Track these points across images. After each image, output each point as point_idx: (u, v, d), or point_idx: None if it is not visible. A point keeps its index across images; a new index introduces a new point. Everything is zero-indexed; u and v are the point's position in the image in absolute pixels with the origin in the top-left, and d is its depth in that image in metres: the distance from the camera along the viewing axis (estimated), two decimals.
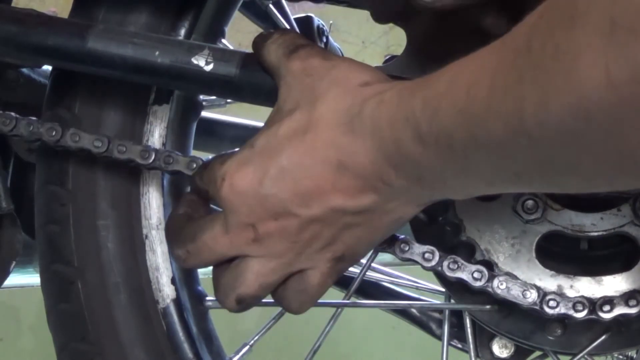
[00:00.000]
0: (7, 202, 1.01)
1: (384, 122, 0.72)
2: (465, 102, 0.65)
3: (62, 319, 0.97)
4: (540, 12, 0.60)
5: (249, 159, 0.78)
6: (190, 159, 0.89)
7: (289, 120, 0.78)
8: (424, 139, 0.69)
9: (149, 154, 0.90)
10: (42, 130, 0.91)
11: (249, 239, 0.78)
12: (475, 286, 0.87)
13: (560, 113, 0.57)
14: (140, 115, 0.96)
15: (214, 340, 1.01)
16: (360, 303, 1.00)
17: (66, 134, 0.91)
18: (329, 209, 0.76)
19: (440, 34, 0.85)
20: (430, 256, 0.87)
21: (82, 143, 0.91)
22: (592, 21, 0.54)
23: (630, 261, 0.89)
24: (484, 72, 0.64)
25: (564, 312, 0.87)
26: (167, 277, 0.96)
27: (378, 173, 0.74)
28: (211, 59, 0.87)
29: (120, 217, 0.96)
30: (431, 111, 0.68)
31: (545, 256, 0.90)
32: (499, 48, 0.64)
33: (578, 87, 0.55)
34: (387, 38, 2.44)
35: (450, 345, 1.00)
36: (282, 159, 0.77)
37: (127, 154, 0.90)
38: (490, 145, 0.64)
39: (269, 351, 1.97)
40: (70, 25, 0.91)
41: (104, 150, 0.90)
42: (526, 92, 0.59)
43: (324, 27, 1.27)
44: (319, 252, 0.79)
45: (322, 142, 0.75)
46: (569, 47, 0.55)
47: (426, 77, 0.71)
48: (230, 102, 1.17)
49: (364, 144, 0.74)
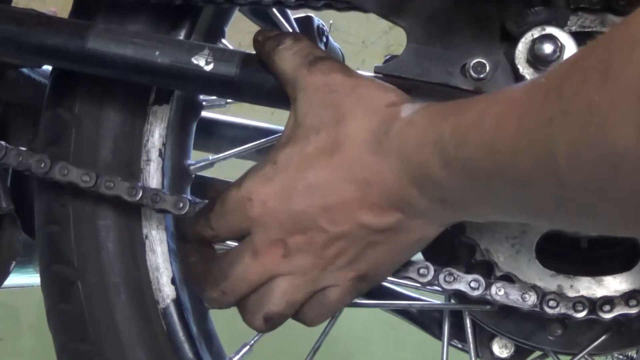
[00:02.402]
0: (7, 202, 1.01)
1: (411, 144, 0.73)
2: (493, 135, 0.66)
3: (62, 319, 0.97)
4: (575, 57, 0.62)
5: (273, 175, 0.78)
6: (177, 198, 0.89)
7: (315, 139, 0.78)
8: (450, 164, 0.70)
9: (137, 191, 0.90)
10: (31, 162, 0.91)
11: (279, 255, 0.79)
12: (474, 295, 0.87)
13: (590, 160, 0.59)
14: (140, 115, 0.96)
15: (214, 340, 1.01)
16: (360, 303, 1.00)
17: (55, 167, 0.91)
18: (355, 226, 0.77)
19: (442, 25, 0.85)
20: (425, 271, 0.87)
21: (71, 177, 0.91)
22: (626, 78, 0.55)
23: (630, 261, 0.89)
24: (513, 107, 0.65)
25: (564, 312, 0.87)
26: (167, 277, 0.96)
27: (402, 193, 0.75)
28: (211, 59, 0.86)
29: (120, 218, 0.96)
30: (459, 139, 0.69)
31: (545, 256, 0.90)
32: (530, 86, 0.66)
33: (609, 139, 0.57)
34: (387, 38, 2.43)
35: (450, 345, 1.00)
36: (310, 177, 0.77)
37: (115, 190, 0.90)
38: (515, 180, 0.66)
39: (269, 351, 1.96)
40: (70, 25, 0.91)
41: (92, 185, 0.90)
42: (556, 134, 0.61)
43: (324, 27, 1.27)
44: (342, 270, 0.79)
45: (349, 161, 0.76)
46: (601, 100, 0.57)
47: (457, 103, 0.73)
48: (230, 102, 1.17)
49: (390, 164, 0.75)
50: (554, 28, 0.83)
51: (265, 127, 1.38)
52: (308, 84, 0.80)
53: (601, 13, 0.85)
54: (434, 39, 0.86)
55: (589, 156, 0.59)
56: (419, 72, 0.85)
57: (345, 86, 0.79)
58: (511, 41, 0.84)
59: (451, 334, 1.01)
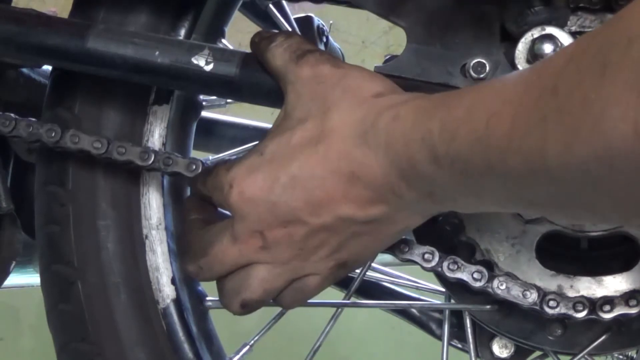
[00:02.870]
0: (7, 202, 1.01)
1: (398, 139, 0.73)
2: (484, 132, 0.66)
3: (62, 319, 0.97)
4: (570, 55, 0.61)
5: (258, 166, 0.79)
6: (190, 160, 0.89)
7: (301, 130, 0.78)
8: (439, 160, 0.70)
9: (149, 155, 0.90)
10: (41, 131, 0.91)
11: (257, 247, 0.79)
12: (476, 286, 0.87)
13: (584, 158, 0.58)
14: (140, 115, 0.96)
15: (214, 340, 1.01)
16: (360, 303, 1.00)
17: (66, 135, 0.91)
18: (338, 218, 0.77)
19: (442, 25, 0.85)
20: (430, 257, 0.87)
21: (82, 144, 0.91)
22: (624, 75, 0.55)
23: (630, 261, 0.89)
24: (505, 105, 0.65)
25: (564, 312, 0.87)
26: (167, 277, 0.96)
27: (389, 185, 0.74)
28: (211, 59, 0.87)
29: (120, 217, 0.96)
30: (448, 135, 0.69)
31: (545, 256, 0.90)
32: (522, 83, 0.65)
33: (604, 137, 0.56)
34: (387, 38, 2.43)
35: (450, 345, 1.00)
36: (294, 168, 0.77)
37: (127, 155, 0.90)
38: (506, 176, 0.65)
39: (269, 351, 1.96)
40: (70, 25, 0.91)
41: (104, 152, 0.90)
42: (549, 133, 0.60)
43: (324, 27, 1.27)
44: (323, 260, 0.79)
45: (335, 153, 0.76)
46: (598, 97, 0.57)
47: (444, 97, 0.72)
48: (230, 102, 1.17)
49: (377, 157, 0.74)
50: (554, 28, 0.83)
51: (265, 127, 1.38)
52: (297, 76, 0.81)
53: (601, 13, 0.85)
54: (434, 39, 0.86)
55: (582, 154, 0.58)
56: (419, 72, 0.86)
57: (332, 77, 0.79)
58: (511, 41, 0.84)
59: (451, 334, 1.01)
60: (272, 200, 0.77)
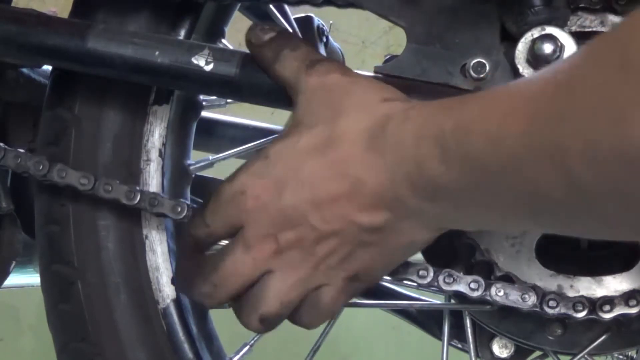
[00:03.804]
0: (7, 202, 1.01)
1: (408, 139, 0.73)
2: (499, 132, 0.65)
3: (62, 319, 0.97)
4: (586, 53, 0.61)
5: (265, 170, 0.79)
6: (175, 202, 0.89)
7: (309, 135, 0.78)
8: (449, 159, 0.70)
9: (134, 195, 0.90)
10: (29, 163, 0.91)
11: (271, 251, 0.78)
12: (473, 296, 0.87)
13: (606, 159, 0.58)
14: (140, 115, 0.96)
15: (214, 340, 1.01)
16: (360, 303, 1.00)
17: (53, 169, 0.91)
18: (345, 224, 0.77)
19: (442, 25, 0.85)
20: (425, 273, 0.87)
21: (69, 179, 0.91)
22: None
23: (630, 261, 0.89)
24: (520, 104, 0.64)
25: (564, 312, 0.87)
26: (167, 277, 0.96)
27: (394, 190, 0.74)
28: (211, 59, 0.87)
29: (120, 218, 0.96)
30: (462, 132, 0.69)
31: (545, 256, 0.90)
32: (537, 83, 0.65)
33: (627, 137, 0.56)
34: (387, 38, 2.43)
35: (450, 345, 1.00)
36: (302, 172, 0.77)
37: (113, 193, 0.90)
38: (520, 177, 0.65)
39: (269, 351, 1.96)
40: (70, 25, 0.91)
41: (90, 189, 0.90)
42: (569, 132, 0.60)
43: (324, 27, 1.27)
44: (334, 269, 0.79)
45: (342, 157, 0.76)
46: (618, 96, 0.56)
47: (456, 99, 0.73)
48: (230, 102, 1.17)
49: (384, 161, 0.74)
50: (554, 28, 0.83)
51: (265, 127, 1.38)
52: (307, 86, 0.81)
53: (601, 13, 0.85)
54: (434, 39, 0.86)
55: (604, 153, 0.58)
56: (419, 72, 0.86)
57: (341, 85, 0.80)
58: (511, 41, 0.84)
59: (451, 334, 1.01)
60: (282, 202, 0.77)
